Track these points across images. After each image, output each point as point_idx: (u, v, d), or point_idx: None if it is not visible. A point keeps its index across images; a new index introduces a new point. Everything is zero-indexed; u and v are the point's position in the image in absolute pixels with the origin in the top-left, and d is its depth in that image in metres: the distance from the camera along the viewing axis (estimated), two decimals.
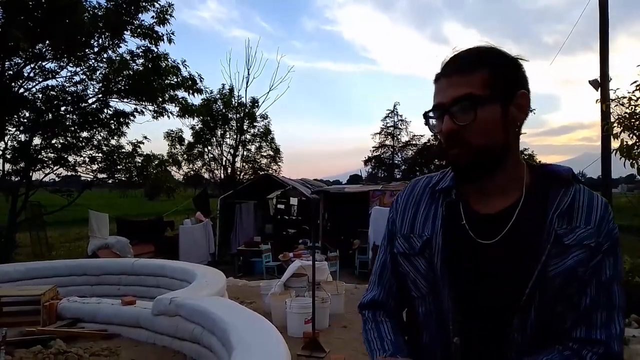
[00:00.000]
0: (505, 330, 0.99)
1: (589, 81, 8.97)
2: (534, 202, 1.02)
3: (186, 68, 12.18)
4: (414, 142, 41.47)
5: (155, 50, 11.61)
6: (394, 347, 1.12)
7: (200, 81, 12.56)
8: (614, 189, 12.58)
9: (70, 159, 12.45)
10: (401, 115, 41.53)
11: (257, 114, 19.19)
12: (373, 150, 42.18)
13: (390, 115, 41.63)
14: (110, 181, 13.64)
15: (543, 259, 0.96)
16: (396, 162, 42.21)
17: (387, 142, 42.10)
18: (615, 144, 5.64)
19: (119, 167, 12.81)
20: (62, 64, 11.51)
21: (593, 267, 0.98)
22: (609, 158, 8.93)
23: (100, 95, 12.21)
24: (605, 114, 7.32)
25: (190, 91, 12.42)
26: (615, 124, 5.62)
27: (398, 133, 41.84)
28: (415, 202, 1.17)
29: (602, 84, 8.86)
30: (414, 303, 1.13)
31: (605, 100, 7.48)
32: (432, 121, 1.06)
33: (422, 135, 41.15)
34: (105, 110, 12.50)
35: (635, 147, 5.27)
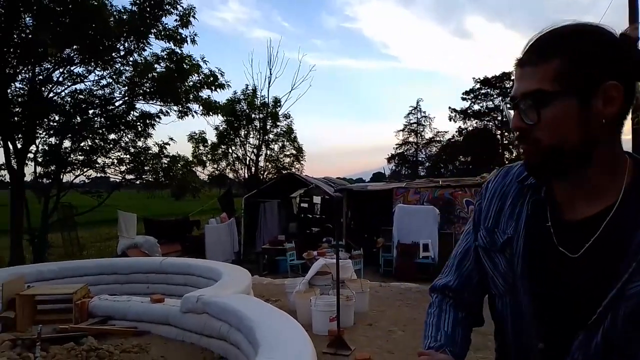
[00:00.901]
0: (569, 347, 0.91)
1: None
2: (629, 210, 0.88)
3: (206, 64, 12.30)
4: (437, 139, 41.08)
5: (179, 52, 11.80)
6: (446, 340, 1.06)
7: (222, 76, 12.68)
8: None
9: (99, 160, 12.77)
10: (424, 112, 41.21)
11: (279, 113, 19.32)
12: (396, 148, 41.96)
13: (413, 112, 41.35)
14: (137, 182, 13.92)
15: (625, 277, 0.84)
16: (420, 159, 41.88)
17: (411, 139, 41.83)
18: None
19: (146, 168, 13.06)
20: (89, 68, 11.81)
21: None
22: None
23: (126, 98, 12.48)
24: (635, 106, 7.13)
25: (213, 87, 12.56)
26: None
27: (421, 130, 41.51)
28: (503, 193, 1.07)
29: None
30: (492, 300, 1.08)
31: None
32: (510, 113, 0.96)
33: (446, 132, 40.75)
34: (132, 113, 12.77)
35: None
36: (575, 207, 0.94)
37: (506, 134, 38.18)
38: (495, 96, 38.13)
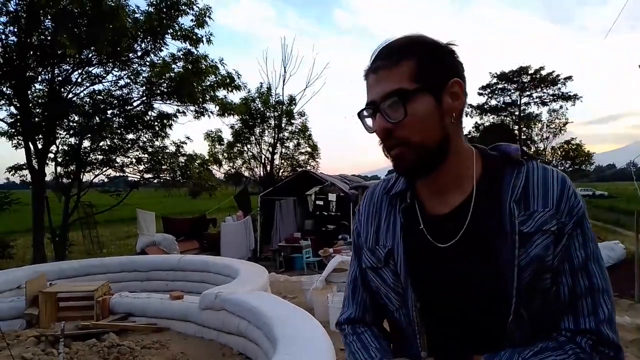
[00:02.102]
0: (497, 335, 0.93)
1: (639, 65, 8.57)
2: (488, 192, 0.96)
3: (224, 66, 12.39)
4: None
5: (195, 52, 11.89)
6: (380, 353, 1.07)
7: (238, 77, 12.75)
8: None
9: (118, 160, 12.95)
10: None
11: (294, 111, 19.34)
12: None
13: None
14: (155, 181, 14.08)
15: (516, 253, 0.89)
16: None
17: None
18: None
19: (163, 167, 13.20)
20: (107, 69, 11.98)
21: (561, 253, 0.91)
22: None
23: (144, 98, 12.62)
24: None
25: (230, 88, 12.63)
26: None
27: None
28: (376, 210, 1.10)
29: None
30: (391, 317, 1.08)
31: None
32: (368, 120, 0.98)
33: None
34: (149, 113, 12.91)
35: None
36: (443, 201, 1.00)
37: (524, 129, 37.72)
38: (512, 91, 37.64)
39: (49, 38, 10.29)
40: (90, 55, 11.24)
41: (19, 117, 11.26)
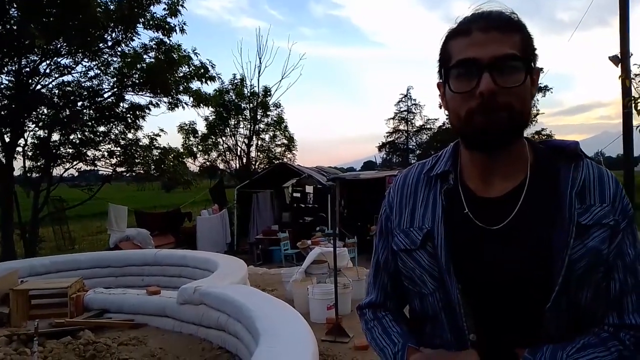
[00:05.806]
0: (536, 322, 0.92)
1: (609, 57, 8.79)
2: (542, 180, 0.96)
3: (197, 56, 12.15)
4: (428, 126, 41.15)
5: (168, 42, 11.63)
6: (403, 338, 1.05)
7: (212, 68, 12.54)
8: (635, 167, 12.38)
9: (89, 153, 12.61)
10: (415, 100, 41.11)
11: (270, 103, 19.18)
12: (387, 136, 41.96)
13: (403, 99, 41.27)
14: (127, 174, 13.78)
15: (571, 243, 0.89)
16: (410, 147, 41.94)
17: (401, 127, 41.83)
18: (638, 121, 5.52)
19: (137, 160, 12.92)
20: (77, 59, 11.61)
21: (615, 248, 0.92)
22: (631, 135, 8.78)
23: (115, 89, 12.30)
24: (627, 90, 7.18)
25: (204, 79, 12.43)
26: None
27: (412, 117, 41.49)
28: (411, 192, 1.07)
29: (622, 59, 8.67)
30: (423, 301, 1.04)
31: (627, 75, 7.33)
32: (453, 79, 0.92)
33: (436, 119, 40.73)
34: (121, 104, 12.59)
35: None
36: (491, 186, 0.98)
37: None
38: None
39: (15, 27, 9.91)
40: (59, 46, 10.88)
41: None
